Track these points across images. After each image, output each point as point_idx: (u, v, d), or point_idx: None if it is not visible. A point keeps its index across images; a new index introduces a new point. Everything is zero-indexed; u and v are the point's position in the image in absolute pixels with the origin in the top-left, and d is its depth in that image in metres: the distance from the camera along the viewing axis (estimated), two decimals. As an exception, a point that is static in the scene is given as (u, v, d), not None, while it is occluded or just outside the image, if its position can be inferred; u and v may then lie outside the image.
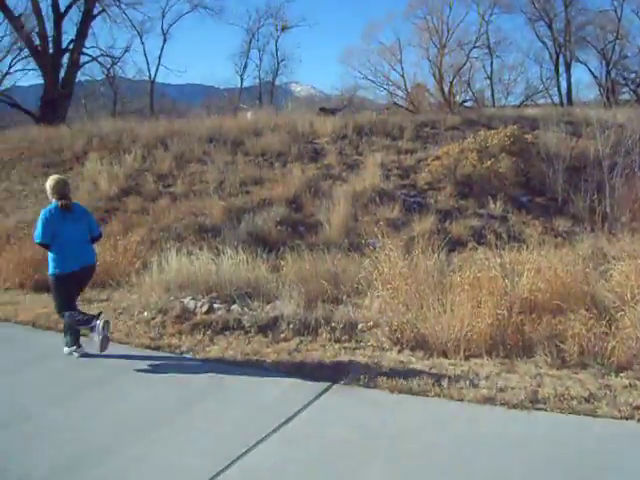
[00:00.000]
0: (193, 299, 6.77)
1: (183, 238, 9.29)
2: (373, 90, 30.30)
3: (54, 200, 5.92)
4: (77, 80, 27.83)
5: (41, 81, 27.22)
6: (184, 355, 5.83)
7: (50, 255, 5.84)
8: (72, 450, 4.00)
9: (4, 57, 33.54)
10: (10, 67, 34.14)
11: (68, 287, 5.87)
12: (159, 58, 34.62)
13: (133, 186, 11.90)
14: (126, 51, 30.90)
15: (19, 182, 13.56)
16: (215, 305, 6.63)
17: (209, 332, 6.25)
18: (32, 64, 30.36)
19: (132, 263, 8.34)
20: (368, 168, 11.67)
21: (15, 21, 25.27)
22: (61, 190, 5.96)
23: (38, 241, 5.85)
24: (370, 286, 6.83)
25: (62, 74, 25.82)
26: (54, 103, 24.42)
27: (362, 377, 4.94)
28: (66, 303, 5.88)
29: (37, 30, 25.40)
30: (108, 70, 29.98)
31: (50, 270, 5.87)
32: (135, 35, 32.50)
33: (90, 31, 26.82)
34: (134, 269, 8.15)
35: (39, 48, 25.46)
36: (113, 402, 4.81)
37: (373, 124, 14.29)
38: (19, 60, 33.20)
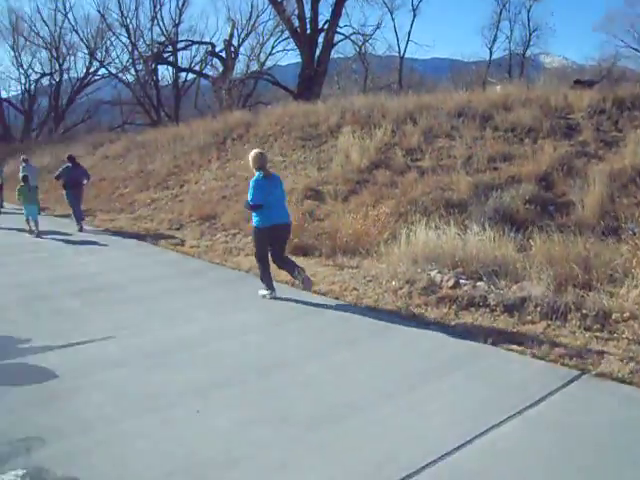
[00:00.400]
0: (439, 272, 6.93)
1: (430, 212, 9.45)
2: (636, 59, 27.52)
3: (255, 170, 7.11)
4: (331, 58, 29.33)
5: (297, 60, 29.38)
6: (430, 327, 5.99)
7: (256, 213, 7.07)
8: (325, 402, 4.37)
9: (267, 39, 37.16)
10: (272, 48, 37.74)
11: (266, 238, 7.12)
12: (408, 34, 35.16)
13: (383, 159, 12.29)
14: (377, 28, 31.99)
15: (280, 154, 14.80)
16: (461, 280, 6.71)
17: (454, 307, 6.34)
18: (291, 45, 33.20)
19: (381, 233, 8.74)
20: (629, 146, 10.70)
21: (277, 6, 27.55)
22: (261, 162, 7.12)
23: (252, 203, 7.03)
24: (627, 274, 6.40)
25: (317, 53, 27.45)
26: (310, 80, 26.16)
27: (616, 370, 4.68)
28: (262, 255, 7.23)
29: (296, 13, 27.34)
30: (360, 47, 31.12)
31: (254, 223, 7.17)
32: (386, 12, 33.38)
33: (343, 11, 28.07)
34: (383, 239, 8.54)
35: (298, 30, 27.42)
36: (364, 363, 5.13)
37: (636, 97, 12.99)
38: (280, 42, 36.68)
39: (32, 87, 47.87)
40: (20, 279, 8.63)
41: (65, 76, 46.77)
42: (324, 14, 28.44)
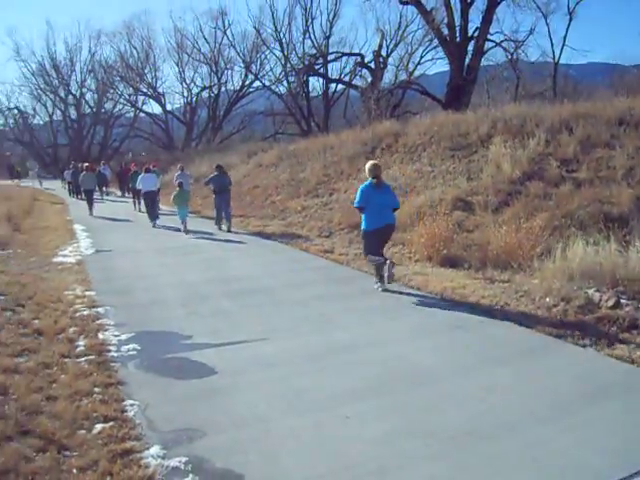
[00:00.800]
0: (597, 291, 6.59)
1: (586, 226, 9.00)
2: None
3: (370, 178, 8.06)
4: (481, 65, 28.64)
5: (444, 69, 29.08)
6: (586, 348, 5.68)
7: (363, 216, 8.18)
8: (475, 420, 4.31)
9: (416, 49, 37.41)
10: (421, 58, 37.90)
11: (373, 238, 8.13)
12: (564, 38, 33.28)
13: (536, 170, 11.82)
14: (530, 34, 30.54)
15: (428, 164, 14.72)
16: (622, 300, 6.34)
17: (614, 328, 5.99)
18: (440, 53, 32.98)
19: (534, 247, 8.44)
20: None
21: (427, 15, 27.40)
22: (374, 171, 8.12)
23: (356, 205, 8.30)
24: None
25: (467, 61, 26.97)
26: (459, 89, 25.77)
27: None
28: (371, 249, 8.16)
29: (446, 21, 27.07)
30: (511, 54, 30.05)
31: (363, 226, 8.24)
32: (540, 17, 31.88)
33: (494, 17, 27.30)
34: (536, 253, 8.26)
35: (447, 38, 27.10)
36: (515, 383, 4.99)
37: None
38: (428, 51, 36.74)
39: (193, 100, 51.86)
40: (181, 279, 9.35)
41: (223, 89, 50.30)
42: (474, 21, 27.86)
